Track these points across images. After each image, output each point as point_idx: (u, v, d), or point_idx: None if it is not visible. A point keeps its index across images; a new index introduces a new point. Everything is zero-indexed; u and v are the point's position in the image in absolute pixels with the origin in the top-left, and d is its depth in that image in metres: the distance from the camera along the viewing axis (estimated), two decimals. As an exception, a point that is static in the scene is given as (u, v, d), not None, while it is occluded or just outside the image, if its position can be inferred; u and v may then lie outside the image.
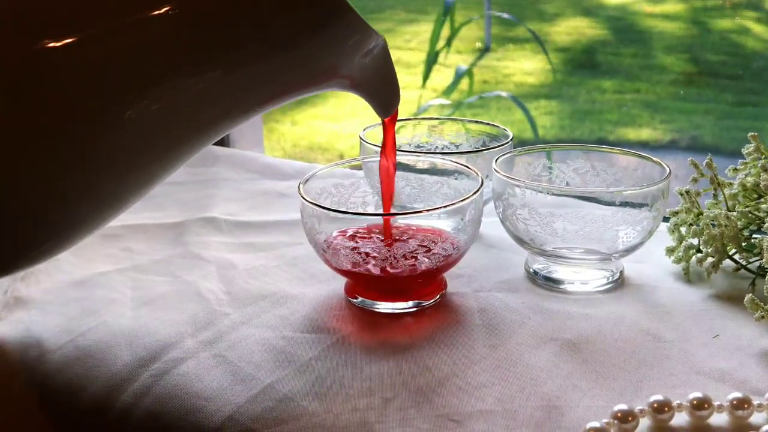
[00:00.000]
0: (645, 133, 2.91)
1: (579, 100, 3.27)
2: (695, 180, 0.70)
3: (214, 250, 0.74)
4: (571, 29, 3.73)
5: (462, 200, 0.60)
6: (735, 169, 0.72)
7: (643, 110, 3.10)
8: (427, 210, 0.60)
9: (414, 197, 0.70)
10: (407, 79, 3.31)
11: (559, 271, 0.66)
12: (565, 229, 0.63)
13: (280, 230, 0.78)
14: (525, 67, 3.43)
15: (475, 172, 0.64)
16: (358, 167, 0.72)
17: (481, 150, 0.72)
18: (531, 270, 0.68)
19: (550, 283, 0.66)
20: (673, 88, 3.27)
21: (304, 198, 0.61)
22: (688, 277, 0.68)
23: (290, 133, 2.97)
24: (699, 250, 0.68)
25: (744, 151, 0.71)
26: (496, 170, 0.66)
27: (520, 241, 0.66)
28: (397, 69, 0.62)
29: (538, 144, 0.73)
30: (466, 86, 2.69)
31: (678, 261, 0.69)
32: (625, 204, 0.63)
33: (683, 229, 0.70)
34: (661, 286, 0.67)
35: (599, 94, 3.27)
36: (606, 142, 2.99)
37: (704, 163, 0.69)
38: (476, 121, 0.80)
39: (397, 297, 0.62)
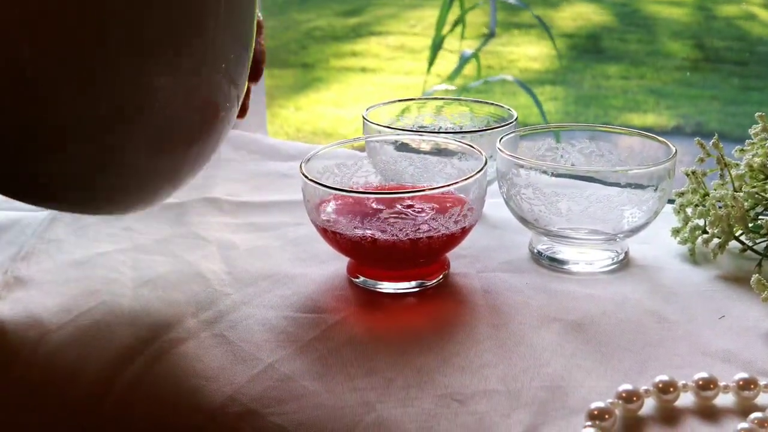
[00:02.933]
0: (650, 119, 2.90)
1: (584, 86, 3.25)
2: (701, 160, 0.69)
3: (215, 230, 0.73)
4: (577, 15, 3.72)
5: (466, 179, 0.59)
6: (742, 150, 0.71)
7: (648, 96, 3.09)
8: (430, 188, 0.59)
9: (417, 177, 0.69)
10: (412, 64, 3.30)
11: (563, 252, 0.66)
12: (570, 210, 0.63)
13: (282, 210, 0.77)
14: (530, 52, 3.42)
15: (478, 151, 0.64)
16: (361, 148, 0.71)
17: (485, 130, 0.71)
18: (535, 250, 0.67)
19: (554, 263, 0.65)
20: (678, 73, 3.25)
21: (305, 176, 0.61)
22: (693, 258, 0.67)
23: (294, 118, 2.97)
24: (705, 231, 0.67)
25: (751, 131, 0.71)
26: (500, 149, 0.65)
27: (524, 221, 0.66)
28: (401, 54, 0.62)
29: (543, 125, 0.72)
30: (471, 71, 2.67)
31: (684, 242, 0.68)
32: (630, 184, 0.63)
33: (689, 210, 0.69)
34: (667, 267, 0.66)
35: (604, 80, 3.25)
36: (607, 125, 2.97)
37: (710, 143, 0.68)
38: (481, 101, 0.79)
39: (400, 275, 0.62)
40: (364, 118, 0.74)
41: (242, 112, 0.67)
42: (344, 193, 0.61)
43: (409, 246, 0.59)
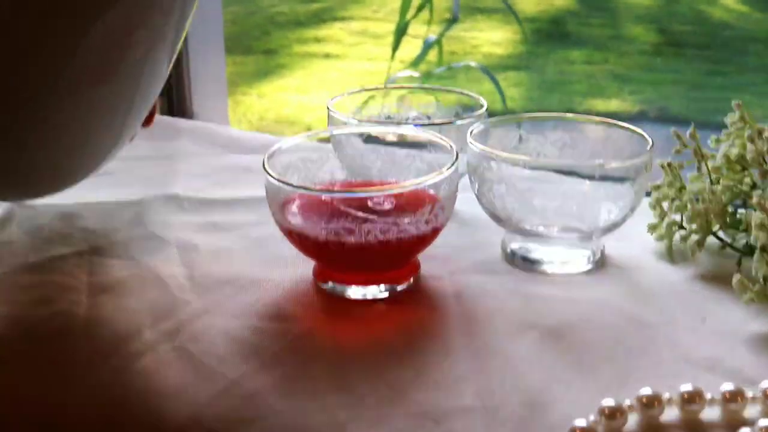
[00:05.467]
0: (614, 104, 2.89)
1: (547, 71, 3.24)
2: (678, 151, 0.67)
3: (175, 230, 0.70)
4: (540, -1, 3.71)
5: (437, 175, 0.56)
6: (718, 140, 0.69)
7: (611, 81, 3.08)
8: (399, 187, 0.56)
9: (386, 172, 0.66)
10: (375, 50, 3.27)
11: (537, 251, 0.63)
12: (545, 206, 0.60)
13: (245, 208, 0.74)
14: (493, 37, 3.40)
15: (448, 144, 0.61)
16: (326, 140, 0.68)
17: (453, 121, 0.69)
18: (508, 250, 0.64)
19: (528, 264, 0.63)
20: (641, 58, 3.25)
21: (269, 174, 0.58)
22: (671, 255, 0.65)
23: (257, 106, 2.93)
24: (682, 227, 0.65)
25: (728, 120, 0.68)
26: (471, 142, 0.62)
27: (496, 218, 0.63)
28: (365, 40, 0.59)
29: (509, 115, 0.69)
30: (434, 57, 2.65)
31: (660, 238, 0.66)
32: (606, 178, 0.60)
33: (665, 204, 0.67)
34: (644, 266, 0.64)
35: (567, 65, 3.25)
36: (575, 113, 2.97)
37: (687, 133, 0.66)
38: (447, 90, 0.77)
39: (369, 278, 0.59)
40: (328, 109, 0.71)
41: (148, 120, 0.67)
42: (309, 193, 0.58)
43: (378, 248, 0.56)
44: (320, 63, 3.21)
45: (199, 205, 0.75)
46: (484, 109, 0.70)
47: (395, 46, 2.41)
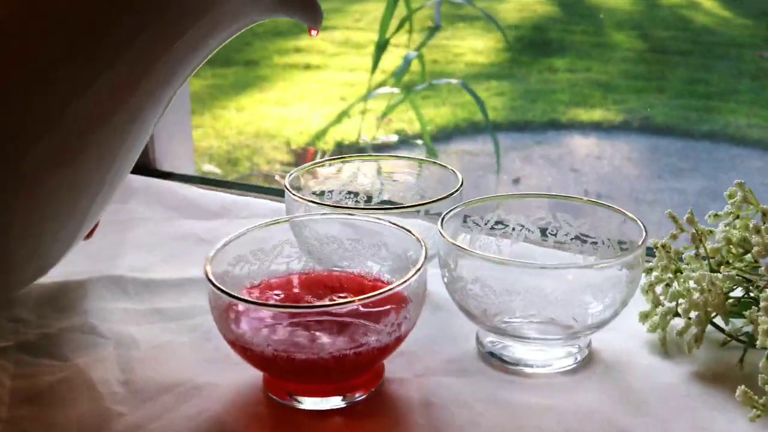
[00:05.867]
0: (597, 114, 2.84)
1: (530, 80, 3.19)
2: (674, 237, 0.60)
3: (115, 321, 0.63)
4: (521, 6, 3.65)
5: (402, 282, 0.49)
6: (716, 215, 0.63)
7: (594, 89, 3.03)
8: (357, 300, 0.49)
9: (348, 261, 0.59)
10: (356, 60, 3.20)
11: (515, 348, 0.57)
12: (525, 305, 0.54)
13: (195, 290, 0.67)
14: (475, 45, 3.35)
15: (417, 239, 0.54)
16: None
17: (421, 204, 0.62)
18: (483, 346, 0.58)
19: (505, 363, 0.56)
20: (624, 65, 3.19)
21: (210, 281, 0.51)
22: (665, 348, 0.58)
23: (236, 120, 2.86)
24: (677, 314, 0.59)
25: (726, 194, 0.62)
26: (442, 234, 0.56)
27: (470, 315, 0.56)
28: (346, 50, 0.53)
29: (489, 196, 0.62)
30: (417, 67, 2.59)
31: (653, 329, 0.59)
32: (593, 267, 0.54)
33: (659, 289, 0.60)
34: (636, 361, 0.57)
35: (550, 74, 3.19)
36: (558, 123, 2.91)
37: (684, 218, 0.60)
38: (422, 160, 0.70)
39: (324, 389, 0.52)
40: (286, 188, 0.64)
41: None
42: (248, 305, 0.51)
43: (333, 363, 0.49)
44: (301, 74, 3.14)
45: (144, 288, 0.68)
46: (460, 186, 0.63)
47: (375, 62, 2.34)
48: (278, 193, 0.87)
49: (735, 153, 2.59)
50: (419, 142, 2.44)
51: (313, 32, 0.58)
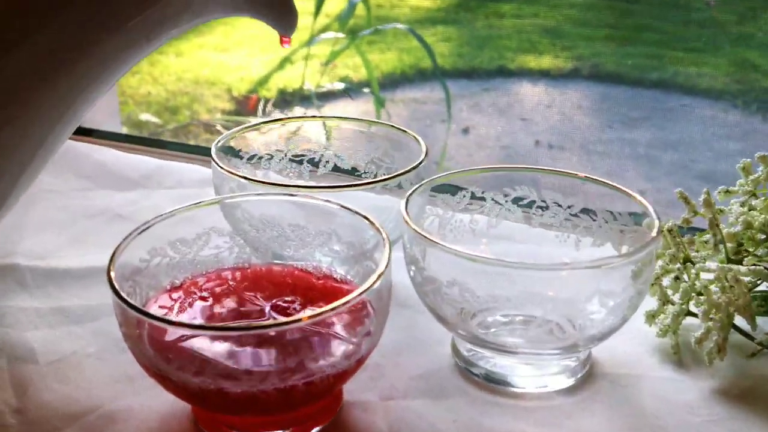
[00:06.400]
0: (546, 61, 2.74)
1: (476, 26, 3.07)
2: (687, 221, 0.50)
3: (8, 323, 0.51)
4: (465, -55, 3.53)
5: (361, 292, 0.38)
6: (727, 192, 0.53)
7: (542, 36, 2.92)
8: (306, 318, 0.37)
9: (291, 253, 0.48)
10: (299, 3, 3.05)
11: (500, 362, 0.46)
12: (513, 323, 0.43)
13: (104, 282, 0.55)
14: (421, -11, 3.22)
15: (379, 231, 0.43)
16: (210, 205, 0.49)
17: (378, 181, 0.50)
18: (461, 358, 0.47)
19: (490, 383, 0.46)
20: (572, 11, 3.09)
21: (114, 289, 0.39)
22: (678, 357, 0.48)
23: (174, 66, 2.71)
24: (690, 313, 0.49)
25: (740, 167, 0.52)
26: (407, 222, 0.44)
27: (443, 322, 0.46)
28: None
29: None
30: (362, 11, 2.46)
31: (663, 333, 0.49)
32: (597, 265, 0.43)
33: (666, 281, 0.50)
34: (646, 375, 0.47)
35: (497, 19, 3.08)
36: (506, 70, 2.81)
37: (701, 199, 0.49)
38: (375, 122, 0.59)
39: (268, 421, 0.41)
40: (213, 160, 0.52)
41: None
42: (161, 325, 0.39)
43: (277, 397, 0.38)
44: (241, 18, 2.99)
45: (45, 279, 0.56)
46: (424, 156, 0.52)
47: (318, 5, 2.22)
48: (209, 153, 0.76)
49: (686, 102, 2.51)
50: (366, 90, 2.32)
51: (285, 42, 0.50)
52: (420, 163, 0.51)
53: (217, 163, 0.51)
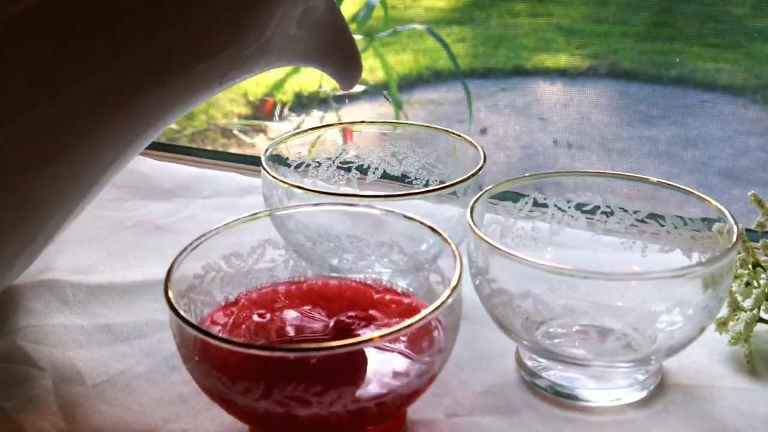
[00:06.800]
0: (562, 60, 2.71)
1: (491, 25, 3.05)
2: (762, 225, 0.48)
3: (53, 343, 0.50)
4: (478, -57, 3.51)
5: (431, 311, 0.36)
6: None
7: (557, 34, 2.90)
8: (377, 338, 0.35)
9: (348, 266, 0.46)
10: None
11: (568, 375, 0.44)
12: (588, 336, 0.41)
13: (152, 296, 0.54)
14: (435, -11, 3.21)
15: (447, 241, 0.41)
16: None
17: (443, 188, 0.49)
18: (527, 371, 0.45)
19: (559, 397, 0.44)
20: (585, 9, 3.07)
21: (177, 314, 0.37)
22: (751, 366, 0.46)
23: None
24: (762, 320, 0.47)
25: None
26: (477, 233, 0.43)
27: (510, 332, 0.44)
28: None
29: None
30: (379, 13, 2.45)
31: (735, 341, 0.47)
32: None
33: (735, 286, 0.48)
34: (718, 385, 0.45)
35: (511, 18, 3.05)
36: (523, 70, 2.79)
37: (773, 202, 0.47)
38: (420, 125, 0.57)
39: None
40: (264, 169, 0.51)
41: None
42: (232, 347, 0.37)
43: (348, 419, 0.36)
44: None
45: (87, 296, 0.54)
46: (482, 163, 0.50)
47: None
48: (246, 161, 0.74)
49: (705, 98, 2.49)
50: (384, 92, 2.31)
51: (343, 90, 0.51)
52: (480, 169, 0.49)
53: (267, 172, 0.49)
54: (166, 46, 0.41)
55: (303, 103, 2.34)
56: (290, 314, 0.43)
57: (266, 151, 0.52)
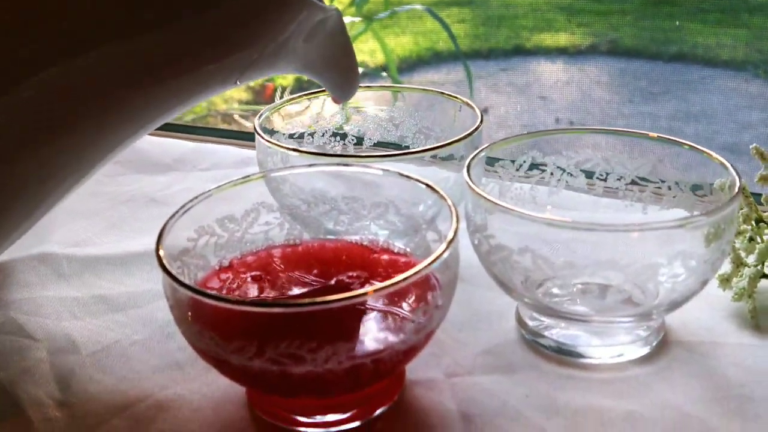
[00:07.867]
0: (563, 39, 2.70)
1: (491, 5, 3.04)
2: (764, 179, 0.47)
3: (47, 315, 0.49)
4: None
5: (428, 264, 0.36)
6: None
7: (558, 14, 2.89)
8: (372, 291, 0.35)
9: (344, 228, 0.46)
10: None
11: (569, 333, 0.43)
12: (588, 287, 0.40)
13: (146, 267, 0.53)
14: (432, -30, 3.19)
15: (444, 198, 0.40)
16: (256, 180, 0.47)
17: (439, 147, 0.48)
18: (528, 330, 0.45)
19: (561, 354, 0.43)
20: (585, -14, 3.05)
21: (163, 267, 0.37)
22: (756, 321, 0.46)
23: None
24: (765, 275, 0.46)
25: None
26: (473, 188, 0.42)
27: (509, 291, 0.43)
28: None
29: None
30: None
31: (739, 297, 0.46)
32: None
33: (738, 242, 0.48)
34: (723, 341, 0.44)
35: (509, -3, 3.04)
36: (523, 49, 2.78)
37: (774, 154, 0.46)
38: (412, 88, 0.56)
39: (330, 404, 0.39)
40: (257, 132, 0.50)
41: None
42: (217, 303, 0.36)
43: (343, 376, 0.36)
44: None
45: (82, 267, 0.53)
46: (479, 123, 0.50)
47: (333, -9, 2.19)
48: (243, 137, 0.74)
49: (706, 74, 2.48)
50: (384, 74, 2.30)
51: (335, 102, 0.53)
52: (476, 129, 0.48)
53: (261, 135, 0.49)
54: (183, 40, 0.41)
55: (303, 87, 2.33)
56: (286, 276, 0.42)
57: (260, 116, 0.51)
